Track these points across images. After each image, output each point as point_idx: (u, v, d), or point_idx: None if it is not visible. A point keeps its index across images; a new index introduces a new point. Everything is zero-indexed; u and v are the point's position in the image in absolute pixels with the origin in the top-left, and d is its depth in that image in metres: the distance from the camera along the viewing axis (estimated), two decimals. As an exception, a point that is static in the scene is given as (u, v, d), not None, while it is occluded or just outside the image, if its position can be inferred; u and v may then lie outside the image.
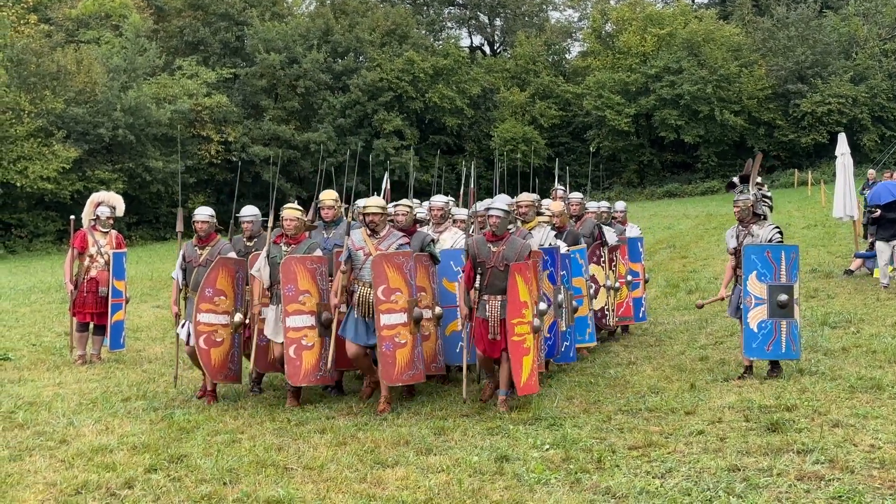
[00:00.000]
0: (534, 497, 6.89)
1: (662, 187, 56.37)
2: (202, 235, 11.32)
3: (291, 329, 10.35)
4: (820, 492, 6.72)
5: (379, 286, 10.05)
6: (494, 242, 10.08)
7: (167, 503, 7.07)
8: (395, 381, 10.10)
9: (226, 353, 10.93)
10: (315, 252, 10.69)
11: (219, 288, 10.83)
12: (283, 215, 10.78)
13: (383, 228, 10.47)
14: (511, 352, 9.72)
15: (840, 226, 25.81)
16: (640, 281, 15.12)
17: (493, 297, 9.98)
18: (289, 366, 10.34)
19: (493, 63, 63.22)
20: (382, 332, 10.01)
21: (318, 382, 10.70)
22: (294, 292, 10.34)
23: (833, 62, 55.27)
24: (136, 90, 45.22)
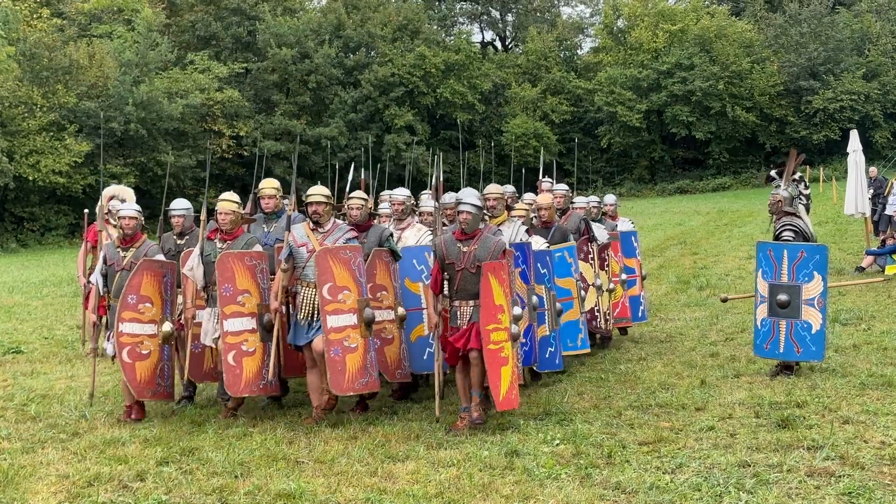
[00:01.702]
0: (544, 492, 6.91)
1: (673, 183, 56.28)
2: (127, 235, 10.13)
3: (230, 333, 9.44)
4: (830, 488, 6.73)
5: (324, 284, 9.18)
6: (465, 241, 9.15)
7: (179, 495, 7.10)
8: (346, 390, 9.15)
9: (153, 366, 9.88)
10: (254, 247, 9.80)
11: (143, 294, 9.79)
12: (218, 208, 9.84)
13: (328, 221, 9.59)
14: (487, 362, 8.82)
15: (852, 223, 25.76)
16: (637, 278, 14.24)
17: (464, 303, 9.10)
18: (228, 374, 9.41)
19: (504, 58, 63.16)
20: (330, 336, 9.10)
21: (261, 392, 9.77)
22: (232, 292, 9.45)
23: (845, 59, 55.11)
24: (147, 84, 45.27)
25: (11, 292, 22.44)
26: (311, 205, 9.50)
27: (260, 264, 9.69)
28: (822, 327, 10.43)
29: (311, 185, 10.27)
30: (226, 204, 9.81)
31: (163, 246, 10.66)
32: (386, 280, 9.97)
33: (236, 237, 9.80)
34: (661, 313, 15.87)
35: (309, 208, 9.51)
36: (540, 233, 11.49)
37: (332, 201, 9.81)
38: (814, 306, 10.45)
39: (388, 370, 9.97)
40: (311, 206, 9.50)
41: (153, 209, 48.41)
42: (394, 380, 10.24)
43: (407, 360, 10.24)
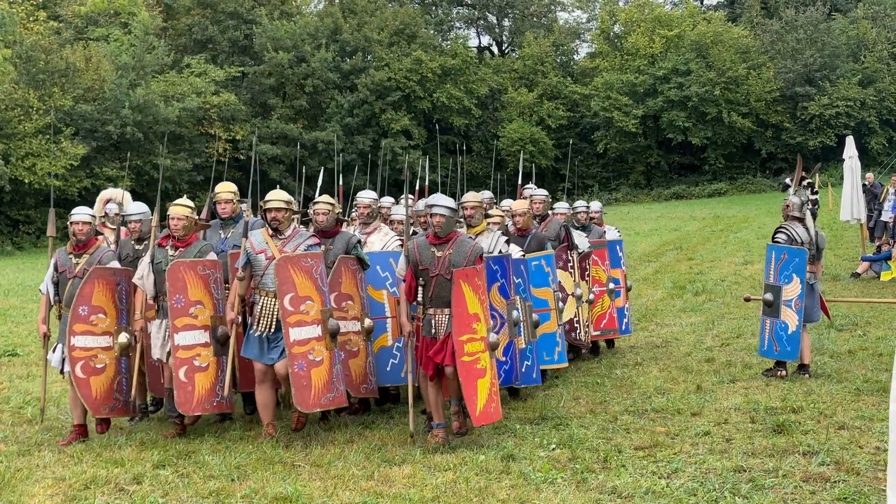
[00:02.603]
0: (540, 496, 6.92)
1: (669, 189, 56.29)
2: (80, 240, 9.44)
3: (181, 347, 8.90)
4: (825, 493, 6.74)
5: (285, 295, 8.61)
6: (439, 246, 8.68)
7: (175, 499, 7.11)
8: (313, 406, 8.66)
9: (109, 381, 9.29)
10: (208, 255, 9.25)
11: (96, 304, 9.19)
12: (170, 213, 9.23)
13: (288, 227, 9.06)
14: (462, 375, 8.35)
15: (847, 229, 25.81)
16: (622, 289, 13.61)
17: (439, 311, 8.59)
18: (179, 391, 8.85)
19: (501, 63, 63.16)
20: (293, 350, 8.57)
21: (215, 410, 9.21)
22: (184, 304, 8.92)
23: (841, 65, 55.18)
24: (144, 88, 45.23)
25: (7, 295, 22.42)
26: (269, 211, 8.96)
27: (214, 273, 9.17)
28: (797, 328, 10.71)
29: (307, 189, 10.15)
30: (178, 209, 9.25)
31: (120, 252, 10.00)
32: (352, 289, 9.51)
33: (189, 244, 9.25)
34: (656, 318, 15.90)
35: (267, 214, 8.99)
36: (516, 241, 10.92)
37: (293, 207, 9.30)
38: (791, 307, 10.80)
39: (353, 385, 9.41)
40: (269, 212, 8.96)
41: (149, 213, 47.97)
42: (359, 395, 9.65)
43: (373, 373, 9.73)
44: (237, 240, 9.65)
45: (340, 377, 8.91)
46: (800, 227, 11.11)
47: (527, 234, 11.28)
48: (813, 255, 11.02)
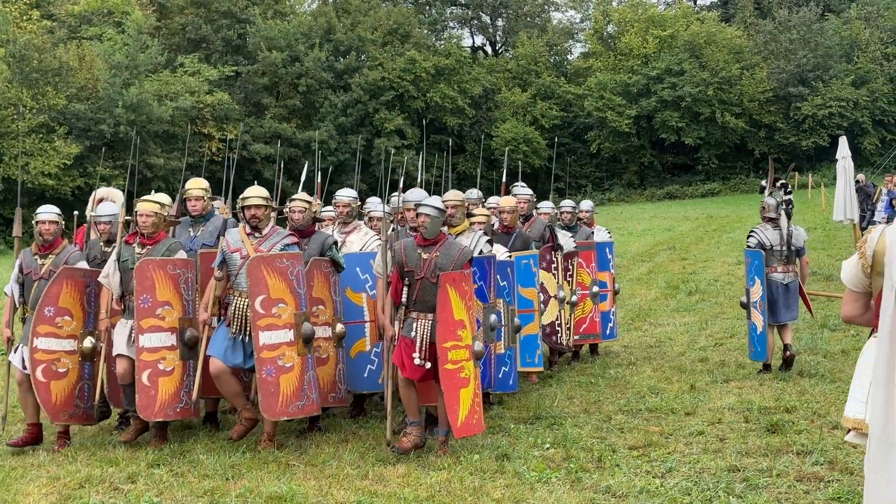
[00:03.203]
0: (534, 495, 6.93)
1: (663, 189, 56.36)
2: (46, 240, 9.07)
3: (146, 350, 8.50)
4: (819, 493, 6.76)
5: (257, 297, 8.26)
6: (426, 248, 8.30)
7: (170, 497, 7.11)
8: (280, 414, 8.30)
9: (71, 386, 8.88)
10: (177, 254, 8.85)
11: (62, 306, 8.77)
12: (137, 209, 8.83)
13: (266, 226, 8.74)
14: (444, 383, 7.99)
15: (840, 229, 25.83)
16: (609, 292, 13.11)
17: (422, 316, 8.18)
18: (141, 395, 8.45)
19: (494, 63, 63.18)
20: (262, 354, 8.22)
21: (178, 417, 8.76)
22: (151, 304, 8.52)
23: (834, 65, 55.28)
24: (137, 87, 45.20)
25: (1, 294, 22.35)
26: (248, 208, 8.64)
27: (184, 273, 8.79)
28: (763, 329, 11.03)
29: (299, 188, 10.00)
30: (147, 205, 8.83)
31: (88, 254, 9.49)
32: (324, 293, 9.07)
33: (157, 242, 8.84)
34: (650, 318, 15.92)
35: (246, 212, 8.66)
36: (501, 239, 10.60)
37: (272, 204, 8.95)
38: (756, 308, 11.12)
39: (321, 393, 8.89)
40: (248, 209, 8.64)
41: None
42: (327, 404, 9.18)
43: (343, 381, 9.33)
44: (207, 238, 9.40)
45: (313, 384, 8.53)
46: (770, 228, 11.37)
47: (512, 231, 10.96)
48: (787, 255, 11.31)
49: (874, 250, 4.87)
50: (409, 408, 8.34)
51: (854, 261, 5.01)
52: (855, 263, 5.01)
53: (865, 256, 4.92)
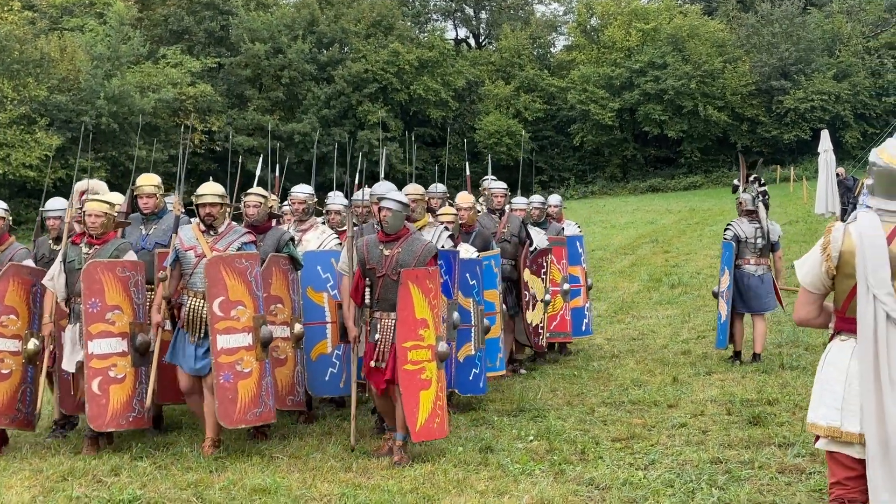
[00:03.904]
0: (518, 487, 6.95)
1: (645, 182, 56.45)
2: None
3: (95, 356, 8.03)
4: (801, 484, 6.80)
5: (215, 298, 7.91)
6: (388, 244, 7.97)
7: (154, 490, 7.10)
8: (237, 422, 7.99)
9: (13, 389, 8.45)
10: (126, 255, 8.41)
11: (8, 304, 8.38)
12: (86, 209, 8.39)
13: (222, 223, 8.33)
14: (403, 385, 7.70)
15: (822, 222, 25.96)
16: (581, 287, 12.84)
17: (385, 315, 7.88)
18: (91, 404, 8.00)
19: (478, 56, 63.16)
20: (219, 359, 7.88)
21: (131, 426, 8.31)
22: (100, 308, 8.06)
23: (816, 59, 55.45)
24: (119, 78, 45.00)
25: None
26: (203, 206, 8.21)
27: (134, 276, 8.32)
28: (726, 318, 11.42)
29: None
30: (96, 205, 8.39)
31: (35, 252, 9.10)
32: (283, 291, 8.72)
33: (106, 242, 8.40)
34: (633, 311, 15.97)
35: (201, 210, 8.23)
36: (465, 239, 10.12)
37: (227, 201, 8.50)
38: (723, 298, 11.54)
39: (278, 396, 8.53)
40: (203, 207, 8.21)
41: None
42: (285, 407, 8.83)
43: (302, 383, 9.00)
44: (160, 237, 8.91)
45: (270, 391, 8.21)
46: (746, 222, 11.69)
47: (471, 230, 10.43)
48: (762, 248, 11.61)
49: (840, 251, 4.81)
50: (389, 418, 8.11)
51: (816, 261, 4.92)
52: (818, 264, 4.91)
53: (831, 258, 4.83)
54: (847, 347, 4.82)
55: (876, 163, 4.85)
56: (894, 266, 4.67)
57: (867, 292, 4.65)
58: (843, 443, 4.81)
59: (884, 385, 4.66)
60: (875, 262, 4.65)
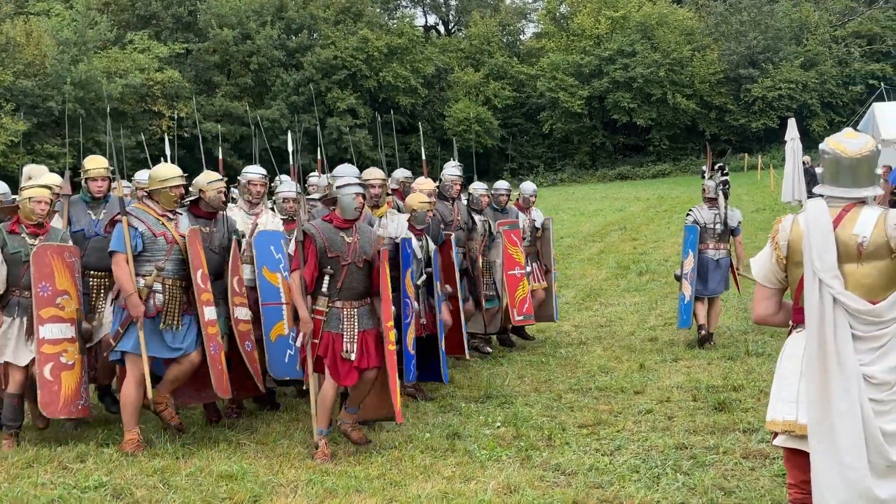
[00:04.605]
0: (485, 473, 6.97)
1: (614, 170, 56.67)
2: None
3: (47, 341, 7.83)
4: (764, 469, 6.85)
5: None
6: (347, 231, 7.71)
7: (120, 477, 7.07)
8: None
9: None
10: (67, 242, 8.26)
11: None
12: (32, 195, 8.13)
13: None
14: (389, 366, 7.71)
15: (788, 209, 26.13)
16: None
17: (348, 304, 7.63)
18: (43, 391, 7.77)
19: (447, 43, 63.13)
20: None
21: (79, 415, 8.14)
22: (50, 293, 7.87)
23: (784, 47, 55.77)
24: (86, 64, 44.72)
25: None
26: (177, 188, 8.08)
27: (77, 263, 8.20)
28: (690, 299, 11.73)
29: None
30: (41, 191, 8.13)
31: None
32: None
33: (48, 231, 8.19)
34: (600, 298, 16.02)
35: (174, 192, 8.03)
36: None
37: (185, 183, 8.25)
38: (687, 279, 11.82)
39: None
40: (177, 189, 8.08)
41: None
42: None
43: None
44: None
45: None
46: (706, 208, 12.06)
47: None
48: (721, 234, 11.98)
49: (789, 240, 4.84)
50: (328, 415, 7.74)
51: (767, 254, 4.95)
52: (768, 257, 4.94)
53: (780, 247, 4.86)
54: (802, 339, 4.81)
55: (825, 150, 4.92)
56: (841, 251, 4.68)
57: (813, 277, 4.66)
58: (800, 437, 4.78)
59: (831, 370, 4.64)
60: (821, 246, 4.67)
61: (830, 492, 4.65)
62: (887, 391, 4.64)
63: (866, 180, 4.84)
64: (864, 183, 4.83)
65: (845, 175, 4.83)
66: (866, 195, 4.83)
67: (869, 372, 4.65)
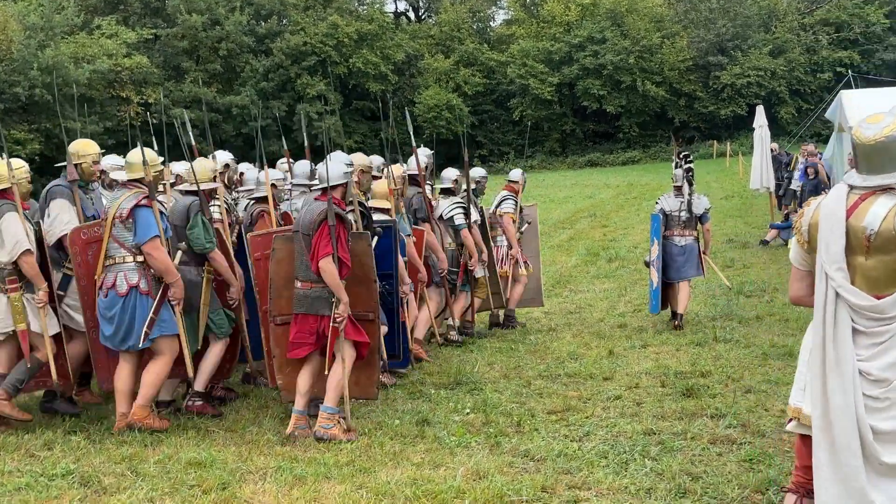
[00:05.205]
0: (454, 459, 6.98)
1: (584, 156, 56.80)
2: None
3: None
4: (732, 455, 6.89)
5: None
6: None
7: (88, 464, 7.03)
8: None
9: None
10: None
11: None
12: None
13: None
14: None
15: (757, 197, 26.26)
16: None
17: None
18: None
19: (417, 29, 63.03)
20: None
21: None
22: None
23: (753, 35, 56.02)
24: (53, 49, 44.33)
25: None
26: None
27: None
28: (657, 285, 11.99)
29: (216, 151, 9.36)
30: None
31: None
32: None
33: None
34: (570, 285, 16.06)
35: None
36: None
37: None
38: (653, 266, 12.08)
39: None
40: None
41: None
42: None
43: None
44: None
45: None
46: (673, 196, 12.23)
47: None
48: (686, 221, 12.15)
49: (809, 224, 4.80)
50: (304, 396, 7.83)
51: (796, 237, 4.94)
52: (796, 239, 4.93)
53: (801, 232, 4.83)
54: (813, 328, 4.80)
55: (851, 139, 4.80)
56: (852, 241, 4.62)
57: (821, 269, 4.63)
58: (805, 426, 4.82)
59: (828, 365, 4.64)
60: (831, 234, 4.62)
61: (825, 488, 4.67)
62: (884, 388, 4.59)
63: (885, 167, 4.65)
64: (881, 170, 4.65)
65: (863, 161, 4.70)
66: (885, 183, 4.65)
67: (866, 368, 4.61)
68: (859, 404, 4.58)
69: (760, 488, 6.13)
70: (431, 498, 6.15)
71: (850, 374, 4.58)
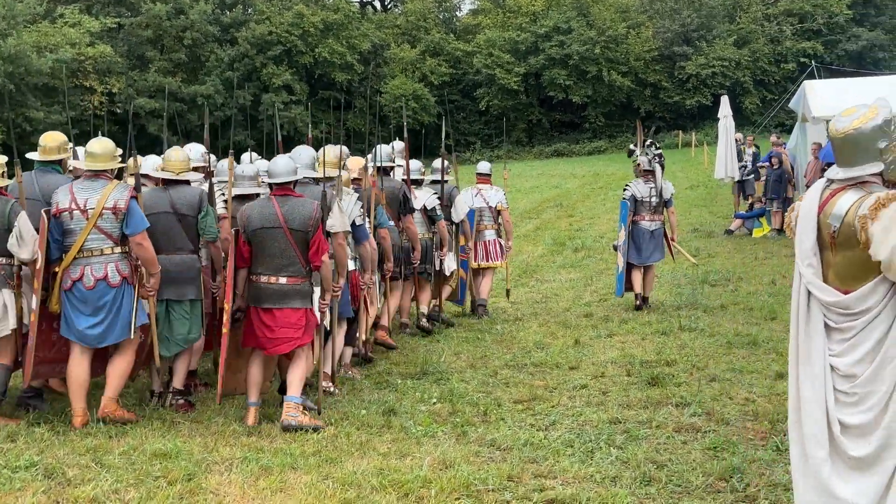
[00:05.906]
0: (420, 449, 6.98)
1: (551, 146, 56.90)
2: None
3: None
4: (696, 443, 6.94)
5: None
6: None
7: (51, 456, 6.97)
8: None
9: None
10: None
11: None
12: None
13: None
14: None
15: (721, 186, 26.41)
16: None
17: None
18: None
19: (383, 19, 62.90)
20: None
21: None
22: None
23: (717, 25, 56.29)
24: (15, 38, 43.87)
25: None
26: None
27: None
28: (622, 270, 12.49)
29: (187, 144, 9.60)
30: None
31: None
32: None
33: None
34: (536, 275, 16.11)
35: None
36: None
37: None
38: (620, 251, 12.58)
39: None
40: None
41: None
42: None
43: None
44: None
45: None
46: (641, 182, 12.70)
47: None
48: (656, 206, 12.63)
49: (794, 219, 4.84)
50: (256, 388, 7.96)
51: None
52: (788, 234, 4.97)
53: (790, 227, 4.87)
54: None
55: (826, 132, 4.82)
56: (822, 234, 4.65)
57: (796, 266, 4.68)
58: None
59: (800, 358, 4.69)
60: (803, 230, 4.66)
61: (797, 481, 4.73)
62: (852, 383, 4.59)
63: (854, 160, 4.63)
64: (854, 163, 4.63)
65: (838, 155, 4.69)
66: (855, 176, 4.63)
67: (837, 363, 4.62)
68: (829, 397, 4.61)
69: (724, 476, 6.18)
70: (398, 487, 6.15)
71: (821, 367, 4.62)
